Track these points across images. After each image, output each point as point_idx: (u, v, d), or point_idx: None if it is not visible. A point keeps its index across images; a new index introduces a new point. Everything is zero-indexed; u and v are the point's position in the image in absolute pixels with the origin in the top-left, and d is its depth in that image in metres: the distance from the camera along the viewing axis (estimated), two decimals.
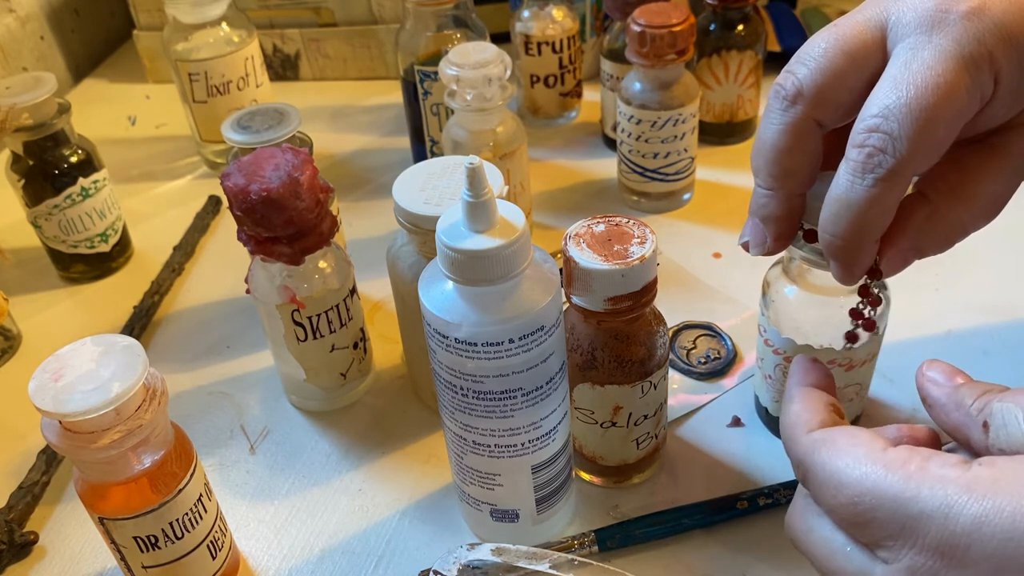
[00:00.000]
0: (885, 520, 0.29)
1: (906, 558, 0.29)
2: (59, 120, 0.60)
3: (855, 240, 0.34)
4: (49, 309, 0.64)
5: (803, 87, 0.35)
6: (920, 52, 0.32)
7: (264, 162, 0.45)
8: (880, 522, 0.29)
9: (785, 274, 0.44)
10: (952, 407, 0.33)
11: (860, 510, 0.30)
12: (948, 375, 0.34)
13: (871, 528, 0.29)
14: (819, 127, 0.36)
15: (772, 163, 0.36)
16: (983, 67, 0.32)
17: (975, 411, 0.32)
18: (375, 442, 0.51)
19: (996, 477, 0.28)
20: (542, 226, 0.67)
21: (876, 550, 0.30)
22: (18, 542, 0.46)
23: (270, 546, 0.46)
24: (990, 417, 0.31)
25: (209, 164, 0.78)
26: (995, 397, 0.31)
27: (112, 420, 0.36)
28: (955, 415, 0.32)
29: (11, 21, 0.88)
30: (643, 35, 0.60)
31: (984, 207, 0.36)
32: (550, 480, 0.42)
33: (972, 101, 0.32)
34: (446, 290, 0.36)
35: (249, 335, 0.59)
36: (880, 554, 0.30)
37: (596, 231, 0.41)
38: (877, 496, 0.29)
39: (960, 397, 0.32)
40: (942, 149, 0.33)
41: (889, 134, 0.32)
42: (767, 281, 0.45)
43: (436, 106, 0.67)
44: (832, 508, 0.31)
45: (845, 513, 0.30)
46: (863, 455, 0.30)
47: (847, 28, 0.35)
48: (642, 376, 0.42)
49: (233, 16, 0.73)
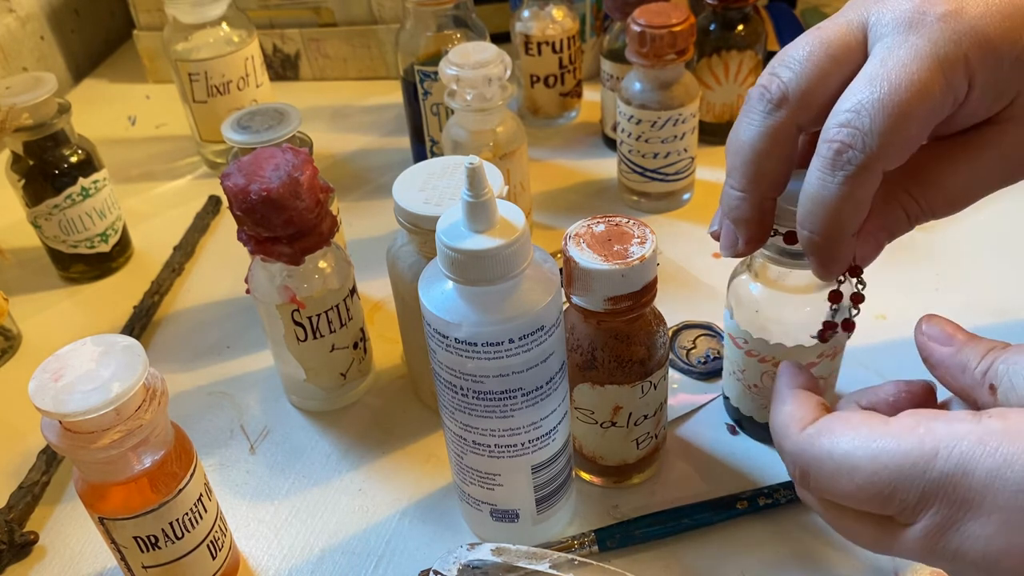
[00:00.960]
0: (906, 490, 0.29)
1: (926, 517, 0.29)
2: (59, 120, 0.60)
3: (832, 236, 0.34)
4: (49, 309, 0.64)
5: (788, 92, 0.35)
6: (896, 51, 0.32)
7: (264, 162, 0.45)
8: (902, 493, 0.29)
9: (749, 270, 0.44)
10: (957, 370, 0.33)
11: (880, 487, 0.30)
12: (948, 333, 0.34)
13: (893, 501, 0.30)
14: (798, 131, 0.36)
15: (749, 164, 0.36)
16: (958, 69, 0.32)
17: (979, 374, 0.32)
18: (375, 442, 0.51)
19: (1007, 429, 0.28)
20: (542, 226, 0.67)
21: (896, 517, 0.30)
22: (18, 542, 0.46)
23: (270, 546, 0.46)
24: (996, 379, 0.31)
25: (209, 164, 0.78)
26: (999, 357, 0.31)
27: (112, 420, 0.36)
28: (961, 378, 0.32)
29: (11, 21, 0.88)
30: (643, 35, 0.60)
31: (949, 198, 0.36)
32: (550, 480, 0.42)
33: (945, 101, 0.32)
34: (446, 290, 0.36)
35: (249, 335, 0.59)
36: (900, 519, 0.30)
37: (596, 231, 0.41)
38: (894, 469, 0.29)
39: (964, 359, 0.32)
40: (913, 147, 0.33)
41: (860, 129, 0.32)
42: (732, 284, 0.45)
43: (436, 106, 0.67)
44: (849, 493, 0.31)
45: (865, 494, 0.30)
46: (867, 433, 0.30)
47: (831, 31, 0.35)
48: (642, 376, 0.42)
49: (233, 16, 0.73)
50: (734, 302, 0.45)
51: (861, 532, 0.32)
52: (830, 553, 0.43)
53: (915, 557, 0.31)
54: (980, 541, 0.28)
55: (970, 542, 0.28)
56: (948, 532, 0.29)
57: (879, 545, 0.32)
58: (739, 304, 0.44)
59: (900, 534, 0.30)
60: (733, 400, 0.49)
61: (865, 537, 0.32)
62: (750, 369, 0.45)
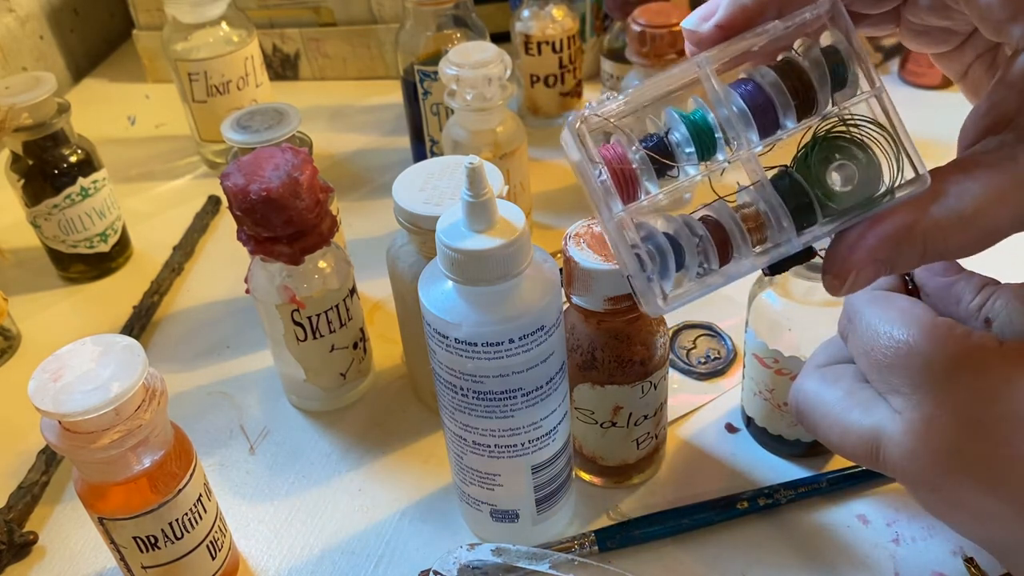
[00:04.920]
0: (917, 367, 0.30)
1: (927, 407, 0.30)
2: (59, 120, 0.60)
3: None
4: (49, 309, 0.64)
5: None
6: None
7: (264, 162, 0.45)
8: (912, 368, 0.30)
9: (770, 284, 0.44)
10: (952, 301, 0.33)
11: (897, 353, 0.31)
12: (944, 265, 0.34)
13: (901, 373, 0.30)
14: None
15: None
16: None
17: (975, 307, 0.32)
18: (375, 442, 0.51)
19: None
20: (542, 226, 0.67)
21: (893, 397, 0.31)
22: (18, 542, 0.46)
23: (270, 546, 0.46)
24: (993, 314, 0.32)
25: (209, 164, 0.78)
26: (995, 293, 0.32)
27: (112, 420, 0.36)
28: (954, 309, 0.33)
29: (11, 21, 0.88)
30: (643, 35, 0.60)
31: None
32: (550, 480, 0.42)
33: None
34: (446, 290, 0.36)
35: (249, 335, 0.59)
36: (895, 402, 0.31)
37: (596, 231, 0.40)
38: (916, 343, 0.30)
39: (959, 292, 0.33)
40: None
41: None
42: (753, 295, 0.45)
43: (436, 106, 0.67)
44: (871, 347, 0.32)
45: (879, 353, 0.31)
46: (916, 311, 0.31)
47: None
48: (642, 376, 0.42)
49: (233, 16, 0.72)
50: (758, 321, 0.44)
51: (854, 408, 0.32)
52: (831, 553, 0.43)
53: (896, 449, 0.31)
54: (981, 446, 0.29)
55: (971, 445, 0.29)
56: (948, 430, 0.29)
57: (865, 418, 0.32)
58: (764, 323, 0.44)
59: (890, 419, 0.31)
60: (759, 420, 0.47)
61: (856, 414, 0.32)
62: (779, 388, 0.45)
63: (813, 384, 0.35)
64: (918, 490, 0.32)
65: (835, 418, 0.33)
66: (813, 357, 0.36)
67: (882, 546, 0.43)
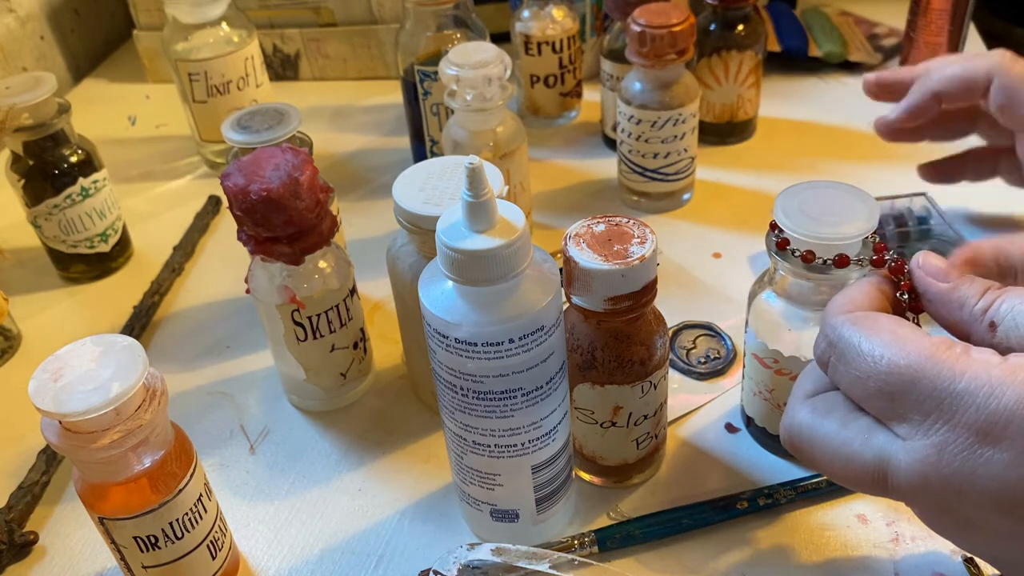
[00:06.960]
0: (923, 393, 0.29)
1: (938, 434, 0.29)
2: (59, 120, 0.60)
3: None
4: (49, 309, 0.64)
5: None
6: None
7: (264, 162, 0.45)
8: (917, 394, 0.29)
9: (770, 285, 0.44)
10: (955, 306, 0.33)
11: (900, 379, 0.30)
12: (944, 269, 0.34)
13: (906, 400, 0.30)
14: None
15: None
16: None
17: (979, 311, 0.32)
18: (375, 442, 0.51)
19: None
20: (542, 226, 0.67)
21: (897, 424, 0.30)
22: (18, 542, 0.46)
23: (270, 546, 0.46)
24: (998, 317, 0.31)
25: (209, 164, 0.78)
26: (999, 296, 0.32)
27: (112, 420, 0.36)
28: (958, 313, 0.33)
29: (11, 21, 0.88)
30: (643, 35, 0.60)
31: None
32: (550, 480, 0.42)
33: None
34: (446, 290, 0.36)
35: (249, 335, 0.59)
36: (900, 429, 0.30)
37: (596, 231, 0.40)
38: (920, 368, 0.29)
39: (962, 295, 0.33)
40: None
41: None
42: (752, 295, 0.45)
43: (436, 106, 0.67)
44: (868, 375, 0.31)
45: (879, 381, 0.30)
46: (908, 333, 0.31)
47: None
48: (642, 376, 0.42)
49: (233, 16, 0.73)
50: (758, 321, 0.44)
51: (854, 438, 0.32)
52: (830, 553, 0.43)
53: (905, 477, 0.30)
54: (996, 467, 0.28)
55: (985, 467, 0.28)
56: (962, 453, 0.29)
57: (867, 449, 0.31)
58: (764, 323, 0.44)
59: (896, 448, 0.30)
60: (759, 420, 0.47)
61: (856, 444, 0.32)
62: (779, 388, 0.45)
63: (805, 417, 0.34)
64: (930, 513, 0.31)
65: (835, 451, 0.32)
66: (799, 385, 0.36)
67: (882, 546, 0.43)
